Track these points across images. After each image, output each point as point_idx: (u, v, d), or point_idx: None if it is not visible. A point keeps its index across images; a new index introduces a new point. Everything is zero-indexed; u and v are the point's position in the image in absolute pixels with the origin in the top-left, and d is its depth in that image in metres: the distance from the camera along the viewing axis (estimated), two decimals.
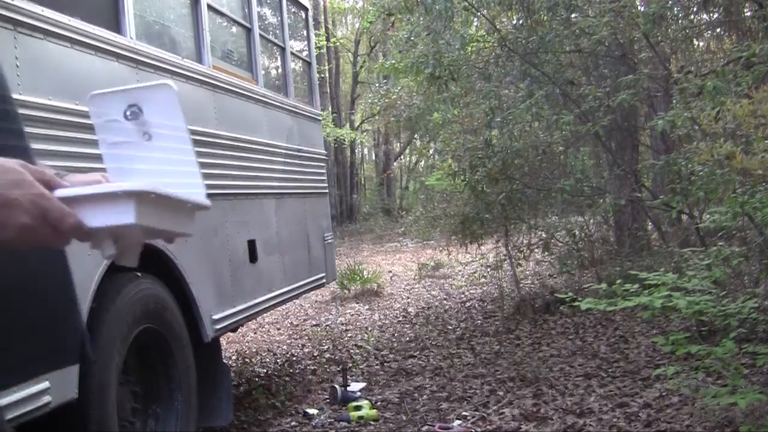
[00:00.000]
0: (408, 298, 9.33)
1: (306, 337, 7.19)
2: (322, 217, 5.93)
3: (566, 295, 3.79)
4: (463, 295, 8.97)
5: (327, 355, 6.23)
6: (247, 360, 6.30)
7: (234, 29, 4.82)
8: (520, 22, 7.24)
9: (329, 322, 7.93)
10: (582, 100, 6.31)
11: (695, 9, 7.34)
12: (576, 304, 3.51)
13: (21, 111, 1.14)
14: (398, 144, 28.78)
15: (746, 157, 3.38)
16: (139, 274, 3.04)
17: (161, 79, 3.44)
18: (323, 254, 5.79)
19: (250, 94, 4.58)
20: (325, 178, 6.11)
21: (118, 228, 0.89)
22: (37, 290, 1.04)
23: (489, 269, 8.29)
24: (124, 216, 0.87)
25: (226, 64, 4.43)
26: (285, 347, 6.80)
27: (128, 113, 1.01)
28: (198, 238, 3.54)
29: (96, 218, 0.88)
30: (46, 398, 2.36)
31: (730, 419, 3.44)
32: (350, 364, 5.71)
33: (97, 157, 1.05)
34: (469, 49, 7.50)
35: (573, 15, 6.61)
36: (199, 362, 3.50)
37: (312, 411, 4.51)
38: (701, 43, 8.46)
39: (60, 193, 0.86)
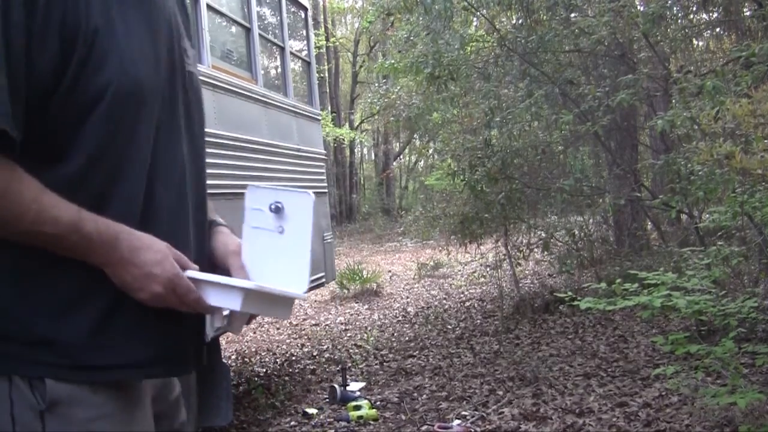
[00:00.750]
0: (407, 297, 9.32)
1: (305, 337, 7.19)
2: (321, 217, 5.92)
3: (566, 294, 3.78)
4: (462, 295, 8.97)
5: (326, 355, 6.23)
6: (246, 360, 6.30)
7: (233, 29, 4.82)
8: (520, 21, 7.24)
9: (328, 322, 7.93)
10: (581, 100, 6.31)
11: (695, 8, 7.35)
12: (575, 303, 3.50)
13: None
14: (398, 144, 28.78)
15: (746, 156, 3.38)
16: None
17: None
18: (322, 254, 5.78)
19: (250, 94, 4.58)
20: (324, 177, 6.11)
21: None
22: None
23: (488, 269, 8.29)
24: (232, 303, 1.15)
25: (226, 64, 4.43)
26: (284, 347, 6.80)
27: (273, 207, 1.24)
28: None
29: (212, 299, 1.15)
30: None
31: (730, 419, 3.44)
32: (349, 364, 5.71)
33: None
34: (469, 48, 7.49)
35: (572, 14, 6.61)
36: None
37: (311, 410, 4.50)
38: (701, 43, 8.48)
39: (190, 274, 1.13)
